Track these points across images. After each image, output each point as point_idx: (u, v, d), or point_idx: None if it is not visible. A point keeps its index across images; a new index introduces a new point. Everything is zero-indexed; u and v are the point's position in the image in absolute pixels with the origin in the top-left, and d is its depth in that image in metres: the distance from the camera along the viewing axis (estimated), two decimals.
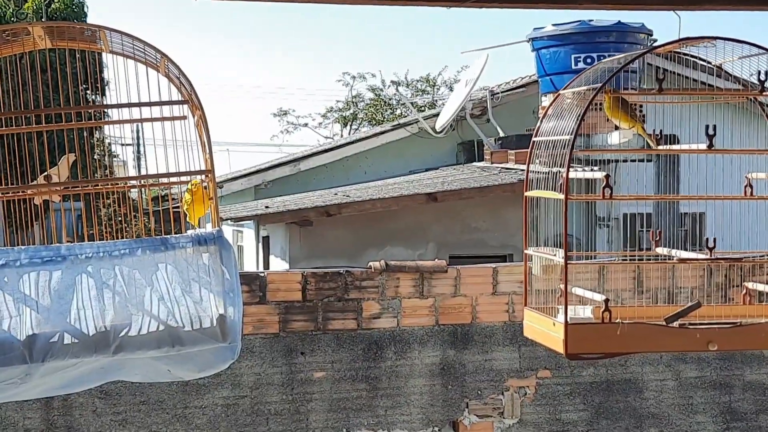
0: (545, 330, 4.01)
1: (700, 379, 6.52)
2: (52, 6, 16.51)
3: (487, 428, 6.26)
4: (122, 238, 3.72)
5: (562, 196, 3.80)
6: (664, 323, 3.81)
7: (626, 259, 5.06)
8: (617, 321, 3.77)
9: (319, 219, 11.22)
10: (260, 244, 13.22)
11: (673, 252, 4.37)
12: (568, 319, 3.78)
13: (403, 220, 11.71)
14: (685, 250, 4.74)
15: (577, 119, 3.73)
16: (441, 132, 14.11)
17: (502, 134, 13.22)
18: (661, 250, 4.42)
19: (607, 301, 3.81)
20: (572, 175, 3.79)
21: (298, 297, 6.03)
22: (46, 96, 4.03)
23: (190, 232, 3.47)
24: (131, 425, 5.83)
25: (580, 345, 3.83)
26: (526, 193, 4.27)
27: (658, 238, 4.36)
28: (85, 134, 4.32)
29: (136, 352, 3.22)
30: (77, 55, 3.93)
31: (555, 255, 3.97)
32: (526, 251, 4.33)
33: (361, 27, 60.21)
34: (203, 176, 3.50)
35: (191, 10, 68.29)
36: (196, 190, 3.55)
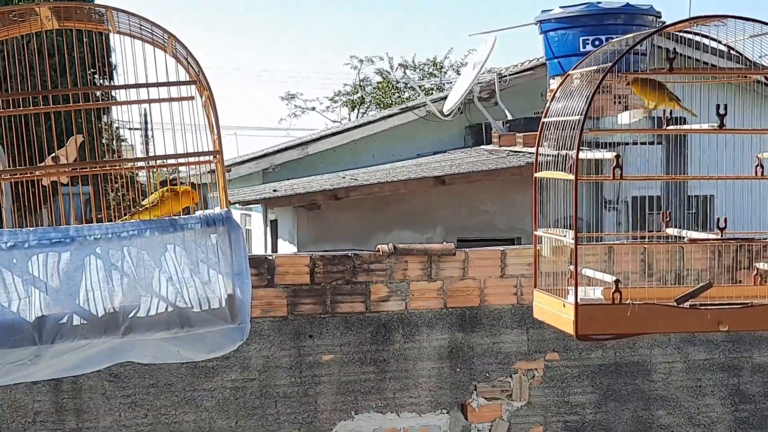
0: (555, 311, 3.99)
1: (709, 362, 6.51)
2: None
3: (495, 411, 6.26)
4: (130, 220, 3.72)
5: (572, 177, 3.78)
6: (674, 304, 3.80)
7: (636, 240, 5.04)
8: (627, 302, 3.76)
9: (327, 202, 11.22)
10: (268, 228, 13.22)
11: (683, 233, 4.35)
12: (579, 300, 3.77)
13: (410, 203, 11.71)
14: (691, 231, 4.72)
15: (587, 100, 3.71)
16: (449, 115, 14.08)
17: (510, 117, 13.18)
18: (671, 231, 4.41)
19: (617, 282, 3.80)
20: (582, 156, 3.77)
21: (306, 280, 6.03)
22: (53, 79, 4.02)
23: (198, 213, 3.47)
24: (140, 408, 5.84)
25: (591, 326, 3.81)
26: (536, 174, 4.25)
27: (668, 219, 4.35)
28: (92, 117, 4.30)
29: (145, 333, 3.22)
30: (84, 39, 3.92)
31: (565, 236, 3.96)
32: (535, 232, 4.31)
33: (369, 10, 60.00)
34: (211, 157, 3.49)
35: None
36: (167, 196, 3.56)
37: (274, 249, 12.80)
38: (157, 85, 3.41)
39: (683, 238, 4.35)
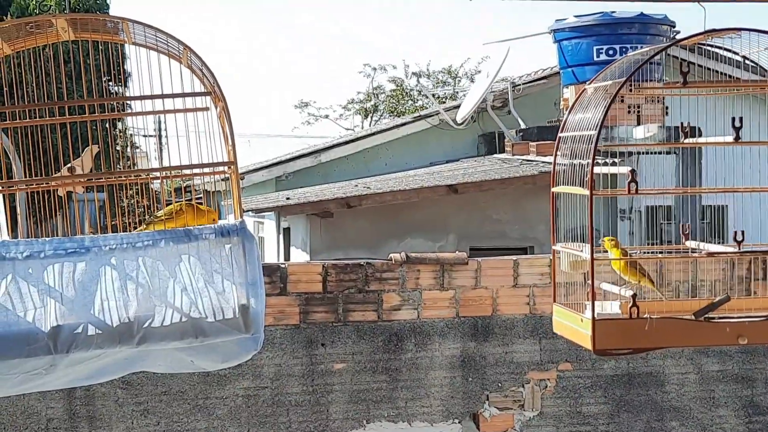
0: (573, 326, 3.99)
1: (722, 373, 6.48)
2: None
3: (507, 421, 6.25)
4: (143, 229, 3.74)
5: (587, 192, 3.77)
6: (692, 318, 3.78)
7: (652, 253, 5.03)
8: (645, 316, 3.74)
9: (340, 210, 11.21)
10: (281, 236, 13.24)
11: (702, 245, 4.34)
12: (596, 315, 3.75)
13: (423, 211, 11.69)
14: (706, 242, 4.70)
15: (602, 115, 3.71)
16: (462, 124, 14.07)
17: (523, 126, 13.17)
18: (690, 244, 4.40)
19: (634, 296, 3.78)
20: (597, 170, 3.77)
21: (319, 288, 6.03)
22: (68, 87, 4.04)
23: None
24: (153, 415, 5.86)
25: (608, 341, 3.80)
26: (553, 189, 4.24)
27: (687, 232, 4.33)
28: (107, 125, 4.32)
29: (159, 343, 3.23)
30: (100, 47, 3.94)
31: (582, 251, 3.95)
32: (554, 247, 4.31)
33: (383, 18, 60.13)
34: (226, 168, 3.50)
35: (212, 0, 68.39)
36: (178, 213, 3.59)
37: (287, 257, 12.80)
38: (173, 96, 3.42)
39: (702, 251, 4.33)
